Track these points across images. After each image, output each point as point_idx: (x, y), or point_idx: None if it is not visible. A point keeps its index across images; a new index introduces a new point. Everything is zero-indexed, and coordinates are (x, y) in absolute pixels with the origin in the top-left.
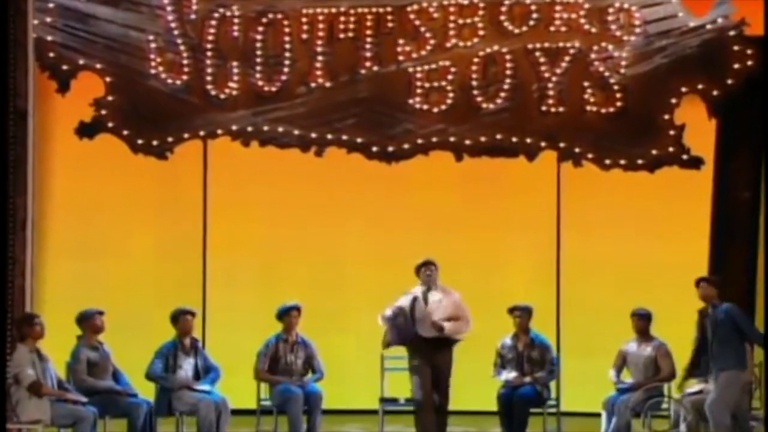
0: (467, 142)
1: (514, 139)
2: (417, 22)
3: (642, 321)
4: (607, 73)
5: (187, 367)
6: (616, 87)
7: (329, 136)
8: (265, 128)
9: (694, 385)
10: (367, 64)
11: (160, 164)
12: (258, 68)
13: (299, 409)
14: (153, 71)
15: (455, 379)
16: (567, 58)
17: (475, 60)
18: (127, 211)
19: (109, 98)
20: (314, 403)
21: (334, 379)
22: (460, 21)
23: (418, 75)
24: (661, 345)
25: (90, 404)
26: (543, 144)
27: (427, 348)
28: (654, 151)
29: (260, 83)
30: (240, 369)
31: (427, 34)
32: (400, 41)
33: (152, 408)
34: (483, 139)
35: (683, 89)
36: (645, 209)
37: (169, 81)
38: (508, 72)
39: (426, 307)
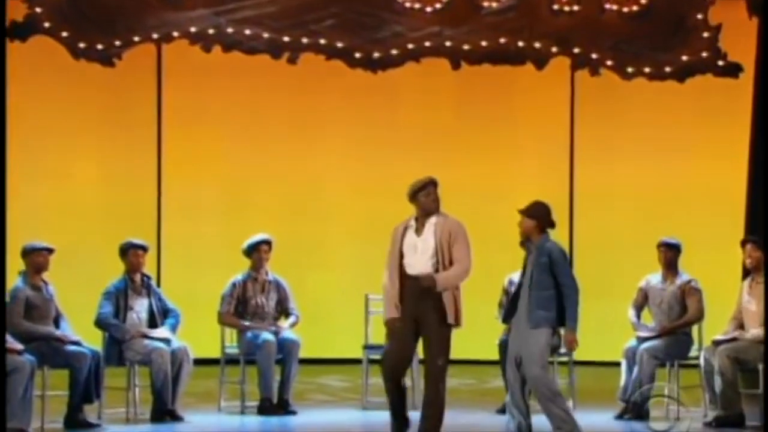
0: (465, 47)
1: (521, 44)
2: None
3: (671, 252)
4: None
5: (139, 309)
6: None
7: (304, 41)
8: (230, 30)
9: (728, 332)
10: None
11: (106, 73)
12: None
13: (271, 358)
14: None
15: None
16: None
17: None
18: (68, 128)
19: None
20: (289, 352)
21: (312, 324)
22: None
23: None
24: (689, 281)
25: (27, 352)
26: (554, 49)
27: (413, 291)
28: (684, 57)
29: None
30: (202, 312)
31: None
32: None
33: (99, 357)
34: (484, 43)
35: None
36: (672, 126)
37: None
38: None
39: (418, 238)
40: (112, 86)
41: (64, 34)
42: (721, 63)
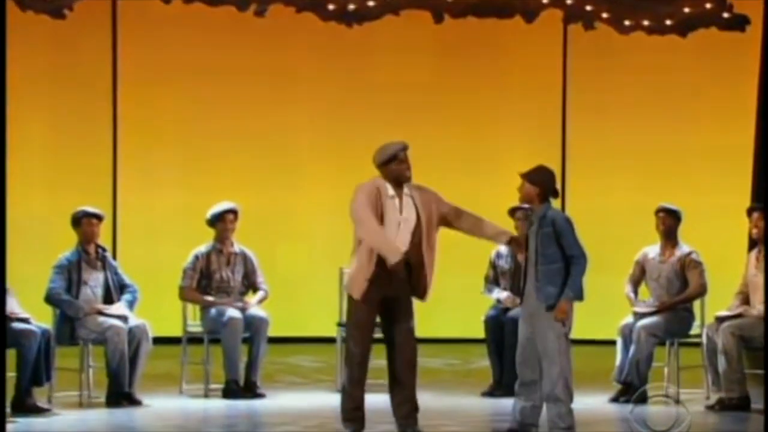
0: None
1: None
2: None
3: (670, 219)
4: None
5: (94, 283)
6: None
7: None
8: None
9: (733, 307)
10: None
11: (56, 26)
12: None
13: (237, 336)
14: None
15: (435, 300)
16: None
17: None
18: (14, 87)
19: None
20: (257, 330)
21: (282, 300)
22: None
23: None
24: (690, 253)
25: None
26: (545, 0)
27: (387, 271)
28: (686, 9)
29: None
30: (162, 287)
31: None
32: None
33: (49, 336)
34: None
35: None
36: (673, 85)
37: None
38: None
39: (400, 216)
40: (62, 41)
41: None
42: (726, 15)
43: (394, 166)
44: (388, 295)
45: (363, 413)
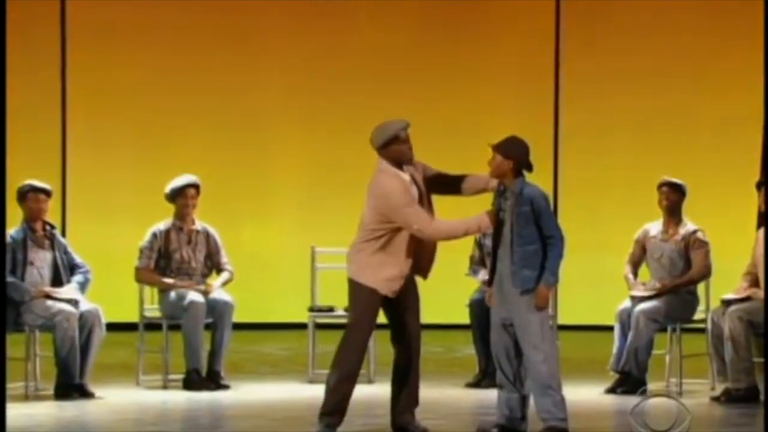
0: None
1: None
2: None
3: (674, 194)
4: None
5: (41, 264)
6: None
7: None
8: None
9: (741, 290)
10: None
11: None
12: None
13: (199, 322)
14: None
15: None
16: None
17: None
18: None
19: None
20: (220, 315)
21: (248, 282)
22: None
23: None
24: (695, 231)
25: None
26: None
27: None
28: None
29: None
30: (116, 268)
31: None
32: None
33: None
34: None
35: None
36: (675, 50)
37: None
38: None
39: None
40: (8, 9)
41: None
42: None
43: (395, 147)
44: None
45: (346, 408)
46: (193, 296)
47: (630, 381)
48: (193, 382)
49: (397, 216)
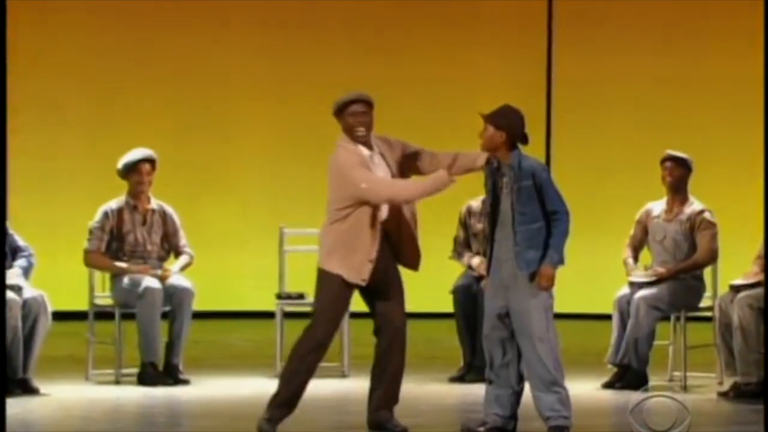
0: None
1: None
2: None
3: (679, 170)
4: None
5: None
6: None
7: None
8: None
9: (750, 275)
10: None
11: None
12: None
13: (156, 311)
14: None
15: None
16: None
17: None
18: None
19: None
20: (179, 303)
21: (209, 266)
22: None
23: None
24: (702, 211)
25: None
26: None
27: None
28: None
29: None
30: (63, 251)
31: None
32: None
33: None
34: None
35: None
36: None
37: None
38: None
39: (378, 171)
40: None
41: None
42: None
43: (345, 118)
44: (379, 271)
45: (296, 403)
46: (149, 282)
47: (629, 375)
48: (148, 376)
49: (348, 182)
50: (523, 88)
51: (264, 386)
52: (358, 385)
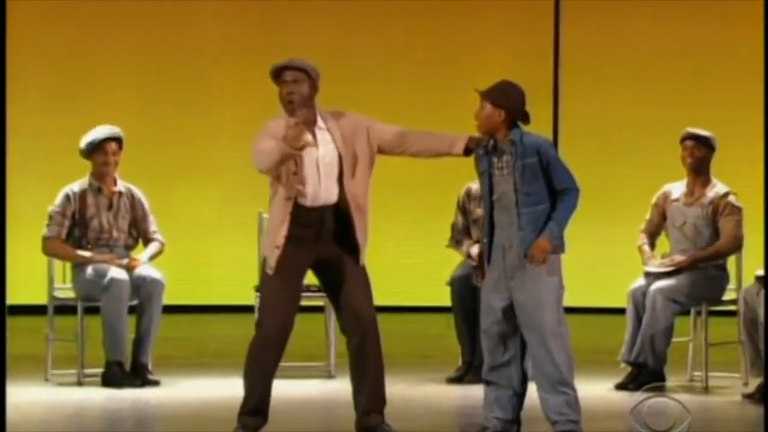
0: None
1: None
2: None
3: (700, 150)
4: None
5: None
6: None
7: None
8: None
9: None
10: None
11: None
12: None
13: (123, 304)
14: None
15: (383, 257)
16: None
17: None
18: None
19: None
20: (148, 295)
21: (183, 256)
22: None
23: None
24: (726, 194)
25: None
26: None
27: (313, 225)
28: None
29: None
30: (19, 238)
31: None
32: None
33: None
34: None
35: None
36: None
37: None
38: None
39: (317, 150)
40: None
41: None
42: None
43: (278, 86)
44: (319, 257)
45: (267, 406)
46: (115, 273)
47: (645, 374)
48: (114, 377)
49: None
50: (528, 58)
51: (242, 388)
52: (346, 386)
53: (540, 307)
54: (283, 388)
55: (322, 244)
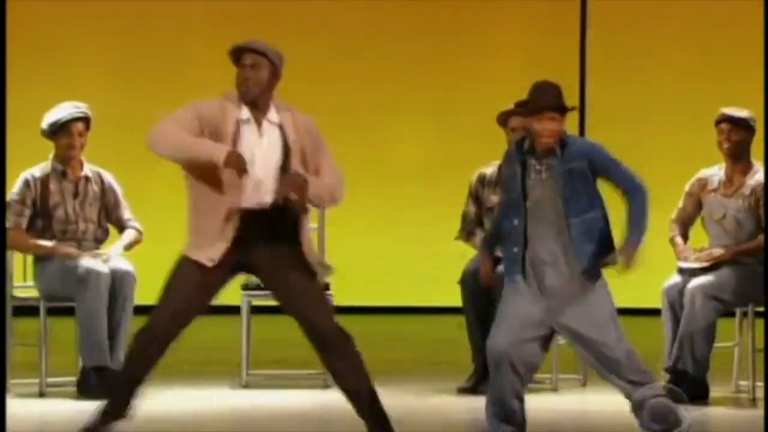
0: None
1: None
2: None
3: (738, 133)
4: None
5: None
6: None
7: None
8: None
9: None
10: None
11: None
12: None
13: (102, 300)
14: None
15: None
16: None
17: None
18: None
19: None
20: (120, 291)
21: (159, 248)
22: None
23: None
24: None
25: None
26: None
27: (252, 225)
28: None
29: None
30: None
31: None
32: None
33: None
34: None
35: None
36: None
37: None
38: None
39: (261, 141)
40: None
41: None
42: None
43: (237, 78)
44: (256, 260)
45: (128, 405)
46: (92, 263)
47: (685, 384)
48: (91, 386)
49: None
50: (553, 50)
51: (226, 397)
52: (343, 397)
53: (602, 322)
54: (276, 399)
55: (261, 244)
